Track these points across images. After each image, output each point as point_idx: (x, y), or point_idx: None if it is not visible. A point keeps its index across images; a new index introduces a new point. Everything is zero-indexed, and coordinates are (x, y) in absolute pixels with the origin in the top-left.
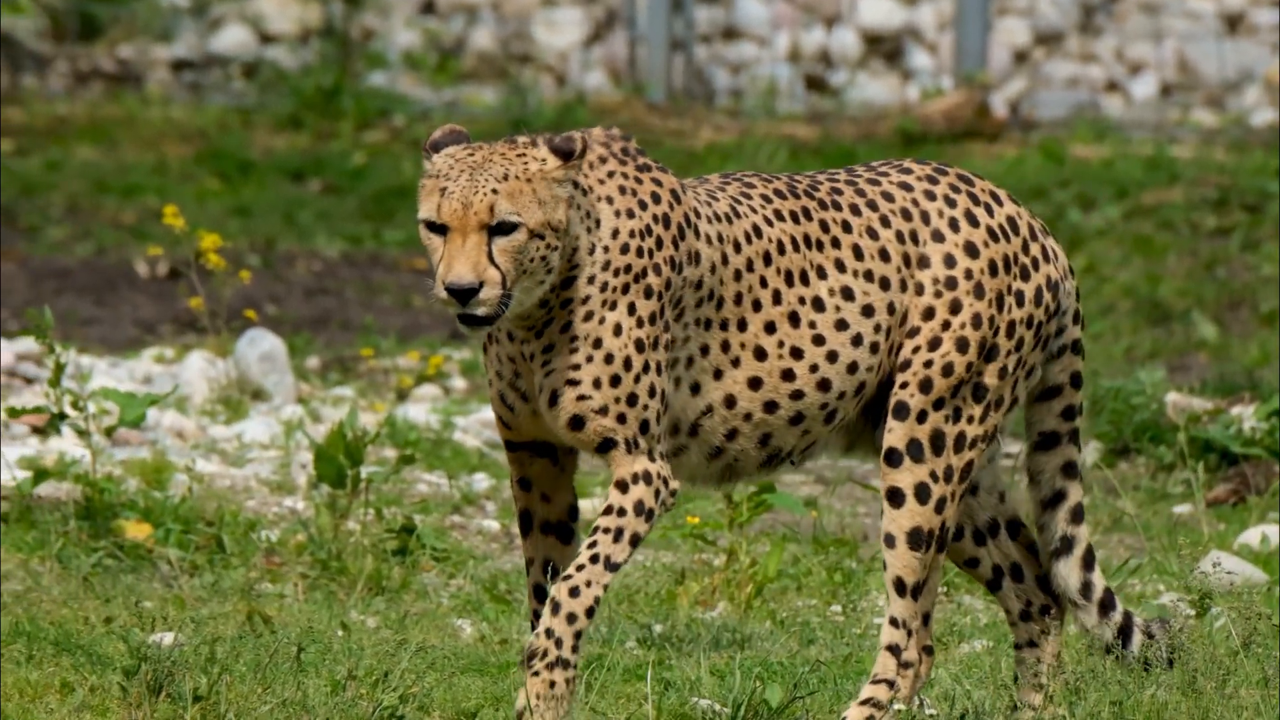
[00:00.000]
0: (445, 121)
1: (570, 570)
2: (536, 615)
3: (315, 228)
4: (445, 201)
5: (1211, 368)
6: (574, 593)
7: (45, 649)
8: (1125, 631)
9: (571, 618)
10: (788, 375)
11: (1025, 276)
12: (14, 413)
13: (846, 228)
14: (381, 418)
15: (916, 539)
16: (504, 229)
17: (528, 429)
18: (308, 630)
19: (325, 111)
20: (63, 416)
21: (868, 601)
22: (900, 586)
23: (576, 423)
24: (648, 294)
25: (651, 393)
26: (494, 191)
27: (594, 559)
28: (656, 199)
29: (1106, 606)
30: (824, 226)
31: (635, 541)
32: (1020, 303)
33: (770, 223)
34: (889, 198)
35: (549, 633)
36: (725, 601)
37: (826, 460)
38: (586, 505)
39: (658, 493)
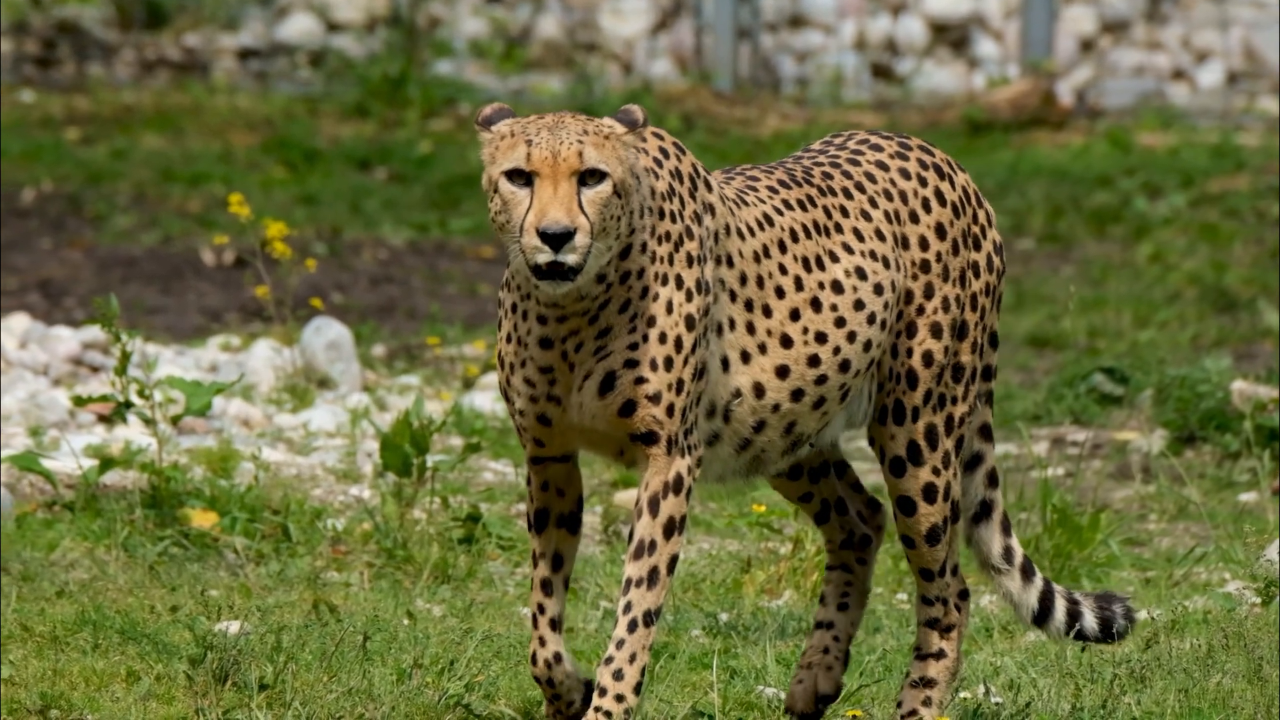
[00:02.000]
0: (512, 110)
1: (610, 650)
2: (541, 609)
3: (381, 216)
4: (535, 150)
5: (1277, 356)
6: (618, 676)
7: (111, 638)
8: (1047, 599)
9: (620, 698)
10: (813, 361)
11: (978, 246)
12: (80, 401)
13: (844, 212)
14: (447, 406)
15: (934, 536)
16: (593, 177)
17: (560, 441)
18: (373, 619)
19: (391, 100)
20: (129, 405)
21: None
22: (928, 574)
23: (628, 408)
24: (689, 261)
25: (696, 374)
26: (580, 141)
27: (631, 626)
28: (665, 153)
29: (1028, 572)
30: (827, 212)
31: (672, 565)
32: (977, 274)
33: (780, 212)
34: (871, 179)
35: (598, 709)
36: (791, 590)
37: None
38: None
39: (688, 493)
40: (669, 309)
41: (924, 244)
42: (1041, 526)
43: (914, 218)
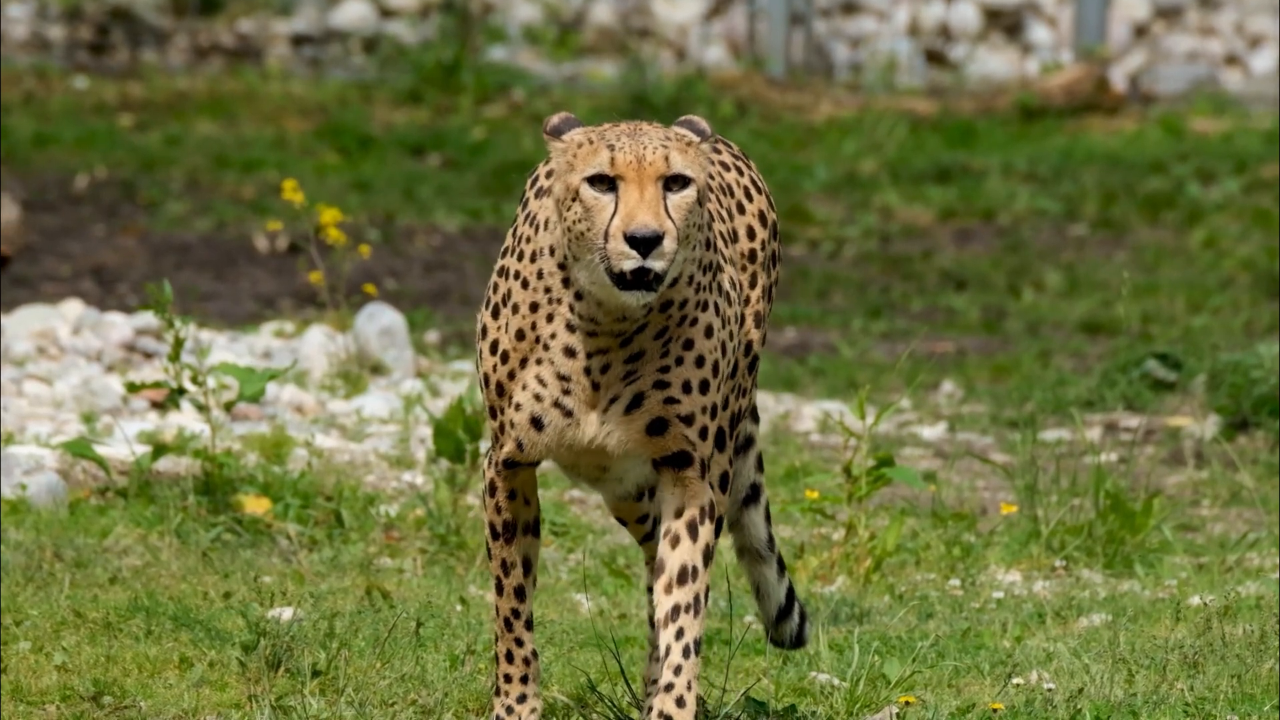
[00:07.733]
0: (565, 96)
1: (668, 675)
2: (515, 614)
3: (435, 202)
4: (619, 154)
5: None
6: (680, 703)
7: (164, 624)
8: (791, 598)
9: None
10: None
11: (775, 235)
12: (133, 388)
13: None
14: None
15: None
16: (677, 183)
17: (543, 449)
18: (426, 605)
19: (445, 86)
20: (182, 391)
21: (986, 575)
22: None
23: (657, 426)
24: (721, 290)
25: (725, 400)
26: (665, 146)
27: (685, 651)
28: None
29: (782, 566)
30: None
31: (707, 593)
32: (775, 264)
33: None
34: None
35: None
36: (844, 575)
37: (943, 434)
38: None
39: (719, 524)
40: (708, 333)
41: (751, 233)
42: (1095, 512)
43: (741, 209)
